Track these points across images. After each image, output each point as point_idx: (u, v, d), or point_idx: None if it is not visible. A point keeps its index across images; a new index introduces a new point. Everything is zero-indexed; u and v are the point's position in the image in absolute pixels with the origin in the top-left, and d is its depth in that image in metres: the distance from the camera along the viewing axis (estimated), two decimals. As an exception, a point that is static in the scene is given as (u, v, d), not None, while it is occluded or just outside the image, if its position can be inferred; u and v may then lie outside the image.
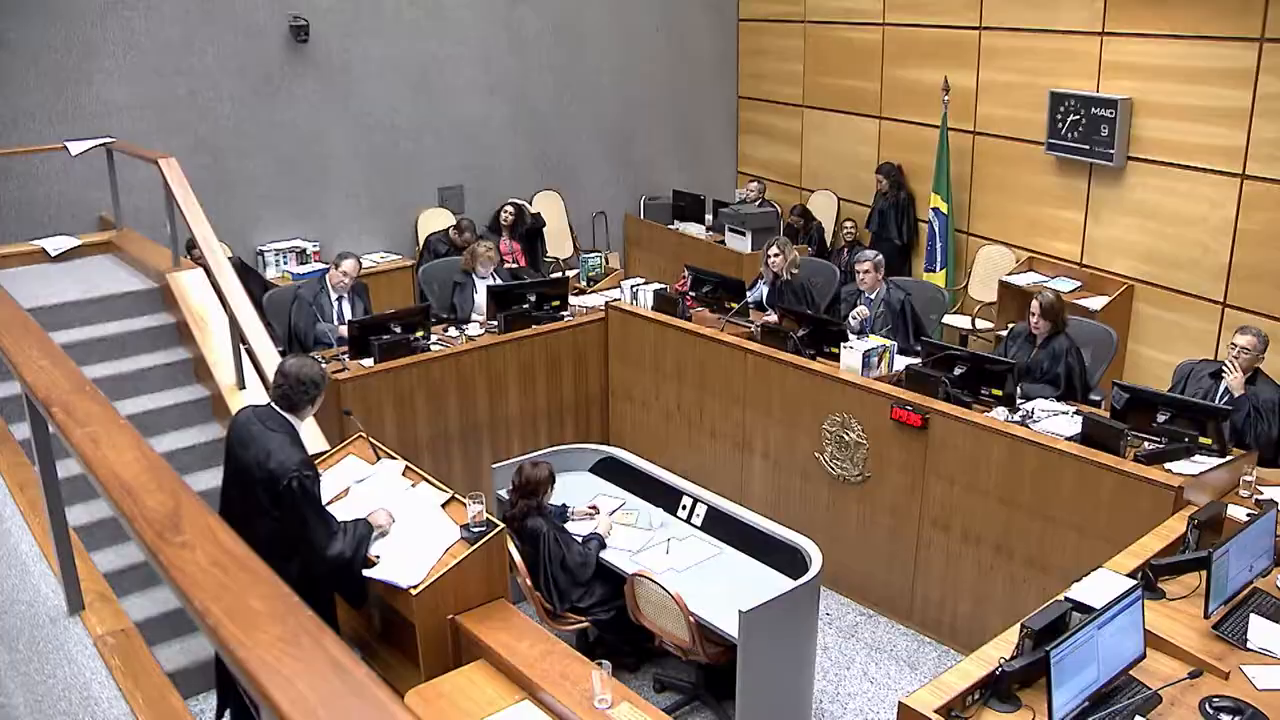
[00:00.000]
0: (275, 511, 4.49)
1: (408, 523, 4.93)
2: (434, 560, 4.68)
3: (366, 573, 4.67)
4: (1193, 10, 8.05)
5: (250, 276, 8.18)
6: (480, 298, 8.08)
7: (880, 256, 7.74)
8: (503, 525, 4.89)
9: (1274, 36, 7.58)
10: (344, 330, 7.27)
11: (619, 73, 11.62)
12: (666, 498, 6.23)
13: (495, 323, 7.65)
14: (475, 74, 10.66)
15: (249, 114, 9.44)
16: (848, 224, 10.80)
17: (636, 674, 5.97)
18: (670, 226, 11.49)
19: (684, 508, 6.12)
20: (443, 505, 5.05)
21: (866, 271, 7.62)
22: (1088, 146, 8.82)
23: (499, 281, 8.26)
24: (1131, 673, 4.07)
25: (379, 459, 5.45)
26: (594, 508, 6.14)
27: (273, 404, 4.66)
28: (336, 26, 9.72)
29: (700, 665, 5.48)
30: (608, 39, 11.46)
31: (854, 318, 7.53)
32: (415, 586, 4.54)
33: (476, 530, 4.74)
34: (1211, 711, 3.92)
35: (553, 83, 11.18)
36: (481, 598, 4.74)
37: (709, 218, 11.31)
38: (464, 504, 4.83)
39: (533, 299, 7.90)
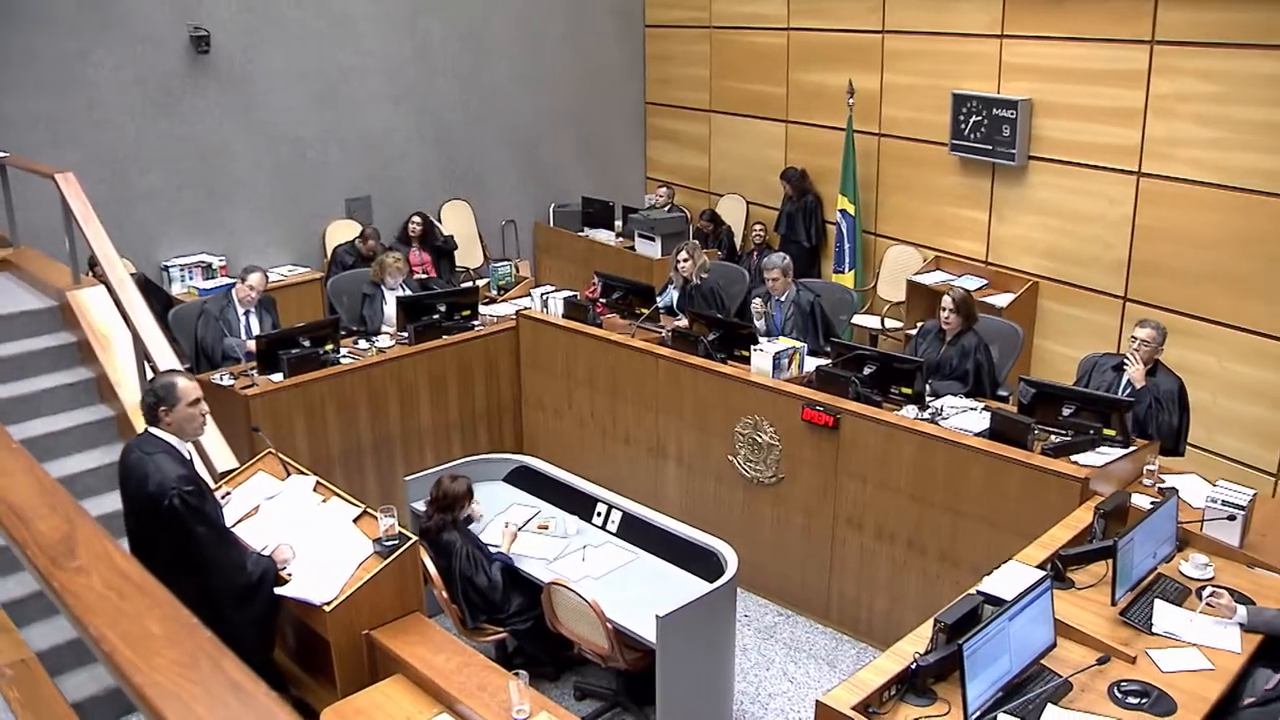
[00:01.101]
0: (166, 535, 4.40)
1: (319, 539, 4.86)
2: (347, 576, 4.62)
3: (279, 591, 4.59)
4: (1087, 14, 8.22)
5: (153, 293, 8.01)
6: (390, 309, 8.01)
7: (788, 261, 7.77)
8: (415, 538, 4.84)
9: (1164, 39, 7.78)
10: (252, 345, 7.16)
11: (526, 80, 11.57)
12: (581, 505, 6.21)
13: (405, 334, 7.59)
14: (381, 84, 10.55)
15: (150, 127, 9.23)
16: (757, 227, 10.87)
17: (557, 683, 5.94)
18: (580, 233, 11.47)
19: (599, 514, 6.10)
20: (354, 520, 4.99)
21: (775, 279, 7.67)
22: (990, 147, 8.97)
23: (408, 292, 8.20)
24: (1043, 662, 4.15)
25: (289, 475, 5.37)
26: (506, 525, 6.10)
27: (148, 428, 4.58)
28: (238, 37, 9.55)
29: (620, 672, 5.46)
30: (514, 47, 11.40)
31: (755, 311, 7.59)
32: (329, 603, 4.48)
33: (389, 544, 4.70)
34: (1120, 695, 4.03)
35: (459, 91, 11.10)
36: (396, 612, 4.70)
37: (619, 224, 11.30)
38: (376, 518, 4.78)
39: (443, 309, 7.85)
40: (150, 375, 5.57)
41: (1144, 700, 4.00)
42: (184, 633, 1.61)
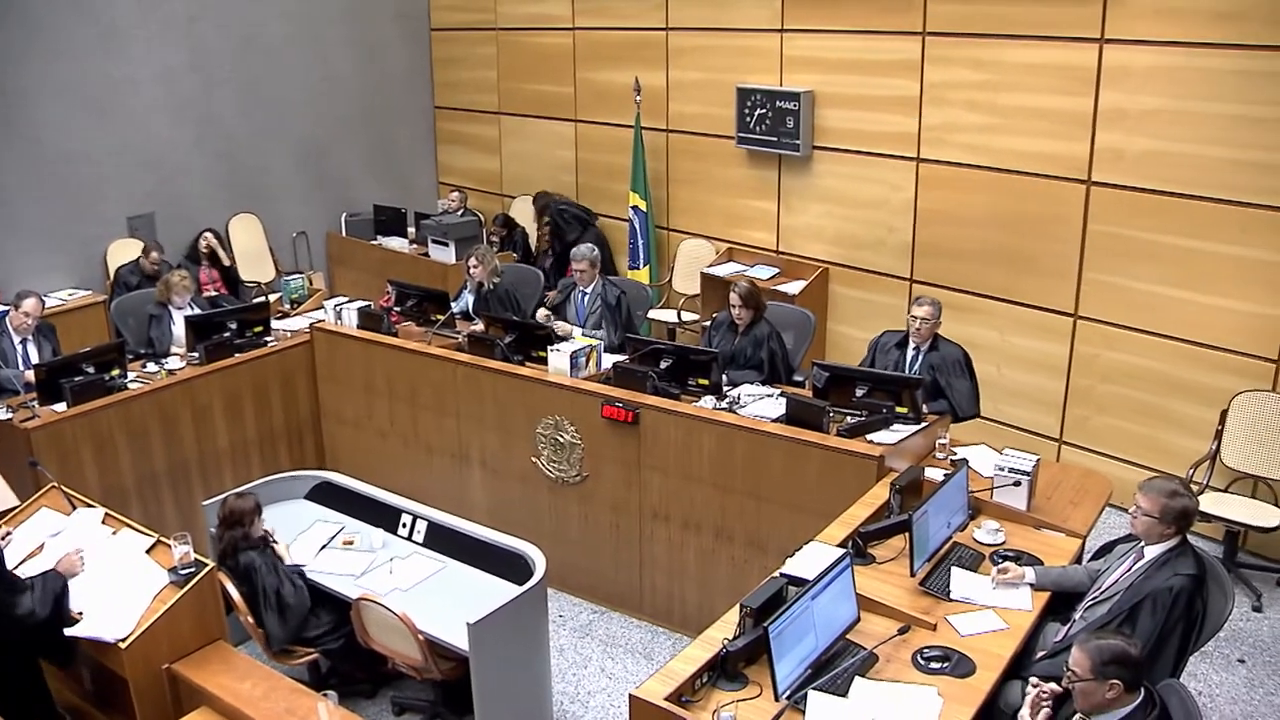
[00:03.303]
0: None
1: (110, 572, 4.67)
2: (142, 609, 4.48)
3: (69, 631, 4.37)
4: (862, 8, 8.45)
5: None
6: (178, 329, 7.71)
7: (596, 253, 7.81)
8: (212, 564, 4.67)
9: (935, 31, 8.06)
10: (30, 375, 6.76)
11: (310, 88, 11.26)
12: (386, 517, 6.07)
13: (196, 354, 7.29)
14: (157, 95, 10.09)
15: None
16: (549, 227, 10.82)
17: (374, 699, 5.81)
18: (373, 242, 11.23)
19: (404, 525, 5.98)
20: (148, 550, 4.84)
21: (583, 270, 7.69)
22: (775, 138, 9.13)
23: (197, 311, 7.90)
24: (849, 636, 4.25)
25: (75, 509, 5.17)
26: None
27: None
28: (-2, 49, 9.02)
29: (437, 683, 5.36)
30: (295, 54, 11.08)
31: (541, 316, 7.60)
32: (124, 639, 4.33)
33: (185, 572, 4.59)
34: (923, 661, 4.15)
35: (240, 101, 10.72)
36: (198, 642, 4.59)
37: (411, 231, 11.12)
38: (170, 547, 4.63)
39: (234, 326, 7.59)
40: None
41: (946, 664, 4.13)
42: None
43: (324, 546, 5.84)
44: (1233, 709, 5.67)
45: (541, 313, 7.65)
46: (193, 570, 4.59)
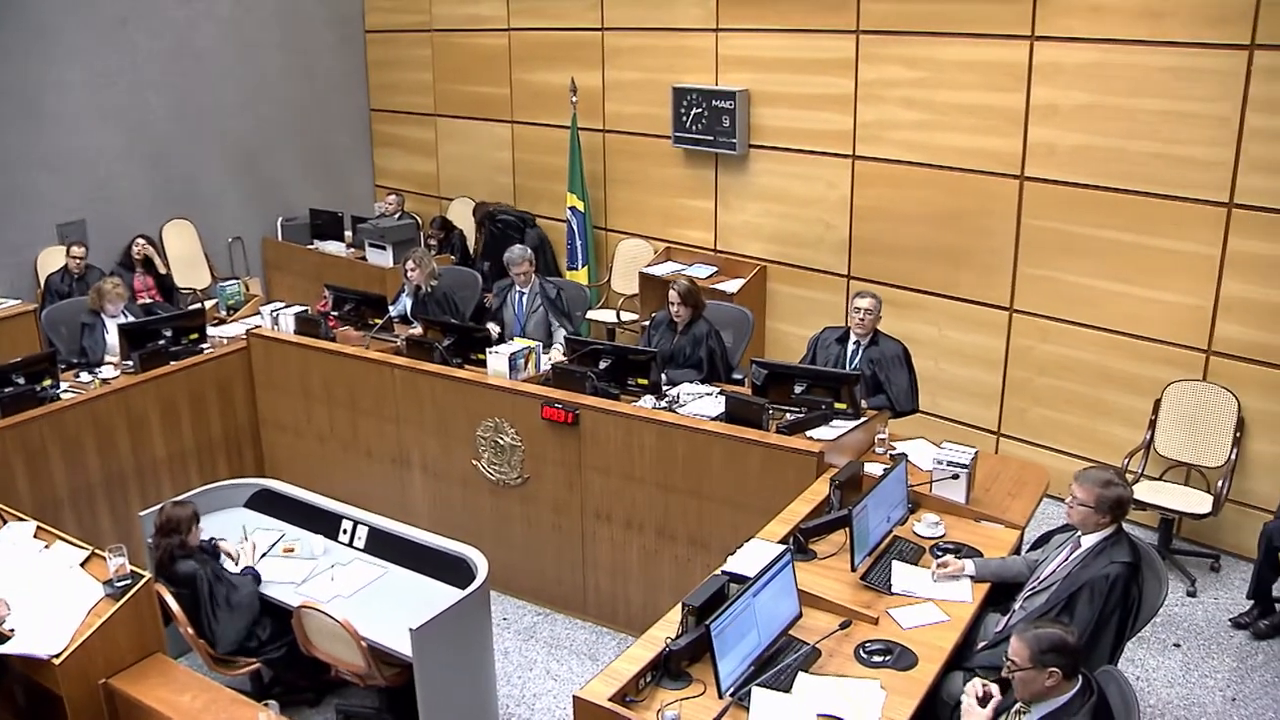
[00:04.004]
0: None
1: (43, 588, 4.59)
2: (77, 623, 4.40)
3: (1, 649, 4.27)
4: (796, 7, 8.49)
5: None
6: (112, 337, 7.56)
7: (530, 252, 7.82)
8: (149, 576, 4.60)
9: (868, 29, 8.11)
10: (-42, 388, 6.61)
11: (243, 92, 11.12)
12: (326, 524, 5.99)
13: (130, 363, 7.16)
14: (87, 99, 9.91)
15: None
16: (485, 238, 10.78)
17: (319, 708, 5.74)
18: (310, 246, 11.13)
19: (345, 532, 5.90)
20: (82, 564, 4.77)
21: (524, 271, 7.68)
22: (712, 137, 9.14)
23: (131, 319, 7.77)
24: (791, 632, 4.25)
25: (5, 523, 5.10)
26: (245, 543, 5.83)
27: None
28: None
29: (381, 689, 5.29)
30: (228, 57, 10.92)
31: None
32: (58, 655, 4.25)
33: (121, 584, 4.52)
34: (866, 655, 4.17)
35: (172, 105, 10.55)
36: (135, 655, 4.52)
37: (349, 234, 11.03)
38: (105, 559, 4.55)
39: (169, 334, 7.45)
40: None
41: (888, 657, 4.15)
42: None
43: (264, 555, 5.76)
44: (1169, 692, 5.75)
45: (492, 327, 7.57)
46: (129, 582, 4.52)
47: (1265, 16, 6.31)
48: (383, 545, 5.78)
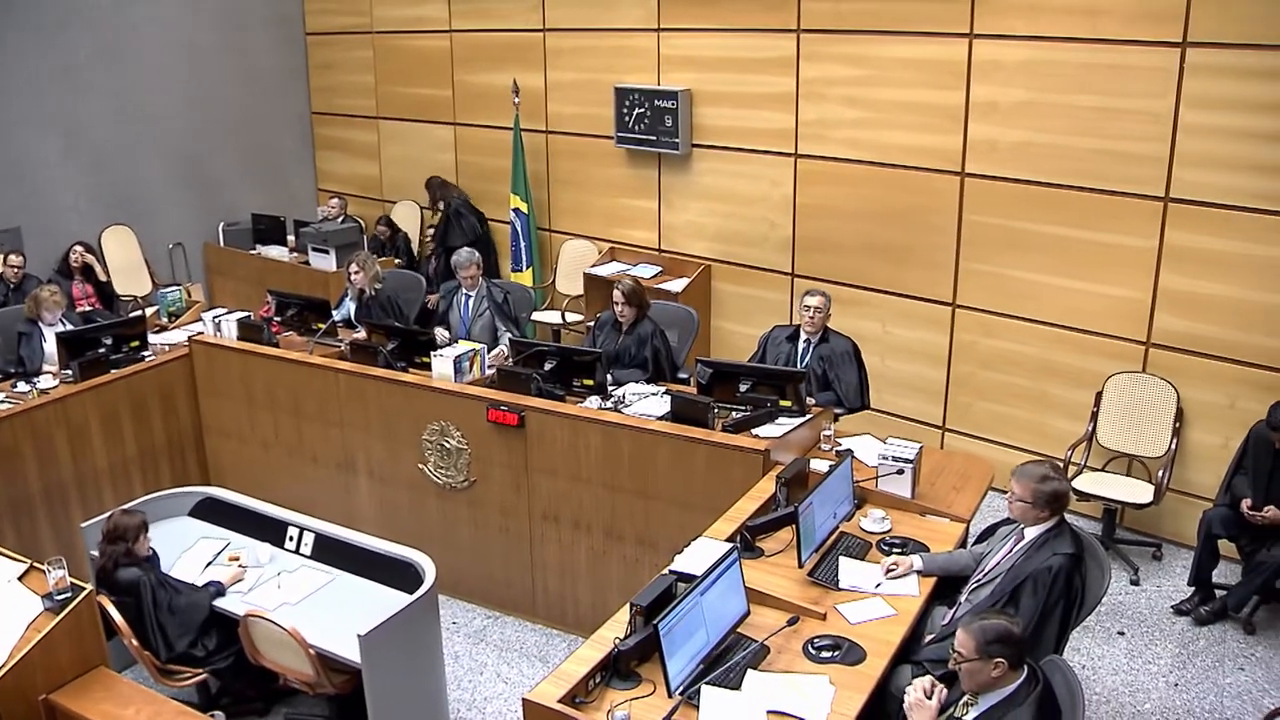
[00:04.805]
0: None
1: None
2: (15, 639, 4.31)
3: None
4: (737, 6, 8.51)
5: None
6: (50, 346, 7.47)
7: (478, 255, 7.81)
8: (90, 588, 4.52)
9: (809, 28, 8.15)
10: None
11: (182, 95, 10.95)
12: (272, 531, 5.92)
13: (69, 371, 7.05)
14: (22, 105, 9.74)
15: None
16: (431, 231, 10.71)
17: (268, 718, 5.68)
18: (252, 251, 11.01)
19: (291, 539, 5.84)
20: (20, 577, 4.68)
21: (471, 274, 7.66)
22: (654, 137, 9.15)
23: (69, 327, 7.66)
24: (740, 630, 4.25)
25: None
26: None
27: None
28: None
29: (331, 697, 5.24)
30: (166, 59, 10.77)
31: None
32: (-6, 671, 4.16)
33: (60, 598, 4.42)
34: (814, 651, 4.19)
35: (109, 109, 10.39)
36: (77, 669, 4.44)
37: (291, 239, 10.92)
38: (44, 572, 4.46)
39: (109, 342, 7.37)
40: None
41: (836, 652, 4.17)
42: None
43: (210, 563, 5.69)
44: (1114, 679, 5.82)
45: (440, 333, 7.54)
46: (69, 595, 4.43)
47: (1196, 15, 6.41)
48: (329, 551, 5.72)
